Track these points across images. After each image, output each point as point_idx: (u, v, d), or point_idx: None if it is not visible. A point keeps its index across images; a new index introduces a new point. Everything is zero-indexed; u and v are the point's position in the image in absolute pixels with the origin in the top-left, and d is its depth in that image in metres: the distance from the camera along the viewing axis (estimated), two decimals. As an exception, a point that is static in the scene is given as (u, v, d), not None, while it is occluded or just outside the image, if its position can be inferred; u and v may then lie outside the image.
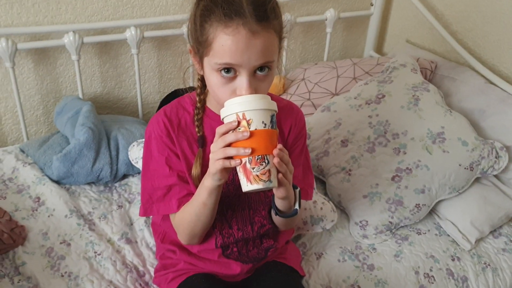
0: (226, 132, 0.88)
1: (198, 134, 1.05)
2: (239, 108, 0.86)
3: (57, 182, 1.51)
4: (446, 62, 1.92)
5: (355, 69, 1.90)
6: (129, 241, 1.36)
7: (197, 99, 1.06)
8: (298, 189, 1.02)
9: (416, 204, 1.47)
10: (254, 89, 0.92)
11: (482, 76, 1.78)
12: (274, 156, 0.87)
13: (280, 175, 0.90)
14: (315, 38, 2.19)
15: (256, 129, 0.86)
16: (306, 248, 1.40)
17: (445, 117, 1.57)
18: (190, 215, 1.03)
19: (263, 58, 0.90)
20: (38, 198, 1.44)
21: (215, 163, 0.89)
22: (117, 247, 1.34)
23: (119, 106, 1.90)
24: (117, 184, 1.57)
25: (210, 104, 1.07)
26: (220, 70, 0.91)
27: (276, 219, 1.10)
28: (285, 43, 1.02)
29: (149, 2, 1.75)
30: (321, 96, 1.84)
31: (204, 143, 1.05)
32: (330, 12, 2.04)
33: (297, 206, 1.02)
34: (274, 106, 0.89)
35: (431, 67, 1.87)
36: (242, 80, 0.91)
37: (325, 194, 1.58)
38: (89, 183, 1.55)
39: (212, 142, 0.91)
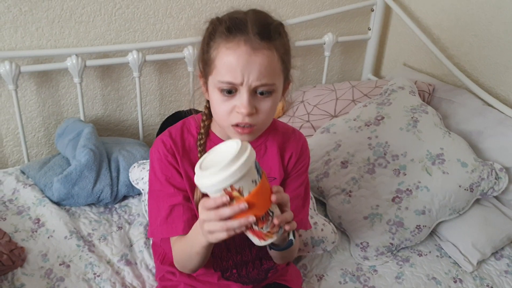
0: (216, 207, 0.80)
1: None
2: (225, 183, 0.76)
3: (57, 203, 1.51)
4: (443, 85, 1.94)
5: (354, 92, 1.92)
6: (128, 263, 1.35)
7: (201, 124, 1.06)
8: None
9: (417, 226, 1.47)
10: (254, 108, 0.92)
11: (480, 98, 1.79)
12: (273, 202, 0.82)
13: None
14: (314, 61, 2.22)
15: (249, 192, 0.78)
16: (307, 270, 1.39)
17: (444, 139, 1.58)
18: (184, 254, 1.01)
19: (263, 79, 0.91)
20: (38, 219, 1.43)
21: (215, 234, 0.82)
22: (117, 268, 1.33)
23: (120, 128, 1.91)
24: (117, 206, 1.57)
25: (215, 128, 1.07)
26: (222, 90, 0.92)
27: (273, 253, 1.05)
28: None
29: (150, 27, 1.78)
30: (320, 118, 1.86)
31: None
32: (328, 36, 2.07)
33: (291, 237, 0.94)
34: (252, 153, 0.80)
35: (429, 90, 1.89)
36: (242, 97, 0.91)
37: (326, 215, 1.58)
38: (89, 205, 1.54)
39: None
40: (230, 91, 0.92)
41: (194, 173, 1.05)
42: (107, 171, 1.55)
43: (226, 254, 1.11)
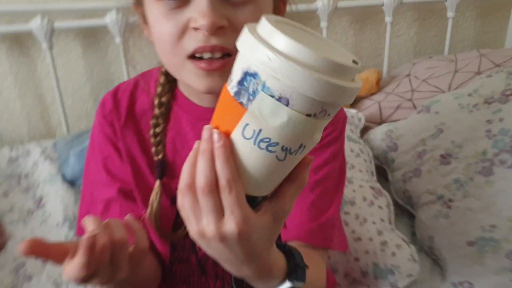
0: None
1: (157, 148, 0.68)
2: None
3: (72, 182, 1.27)
4: None
5: (482, 62, 1.40)
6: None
7: (161, 72, 0.71)
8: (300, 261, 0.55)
9: (560, 266, 0.93)
10: (223, 17, 0.55)
11: None
12: None
13: None
14: (436, 27, 1.71)
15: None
16: (364, 312, 0.94)
17: None
18: None
19: None
20: (41, 199, 1.22)
21: None
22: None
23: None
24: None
25: (183, 86, 0.71)
26: None
27: None
28: None
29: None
30: (427, 96, 1.39)
31: (164, 167, 0.68)
32: (452, -10, 1.54)
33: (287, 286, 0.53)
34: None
35: None
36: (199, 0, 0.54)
37: (413, 233, 1.10)
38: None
39: (184, 145, 0.63)
40: None
41: (142, 152, 0.70)
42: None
43: (205, 280, 0.73)
